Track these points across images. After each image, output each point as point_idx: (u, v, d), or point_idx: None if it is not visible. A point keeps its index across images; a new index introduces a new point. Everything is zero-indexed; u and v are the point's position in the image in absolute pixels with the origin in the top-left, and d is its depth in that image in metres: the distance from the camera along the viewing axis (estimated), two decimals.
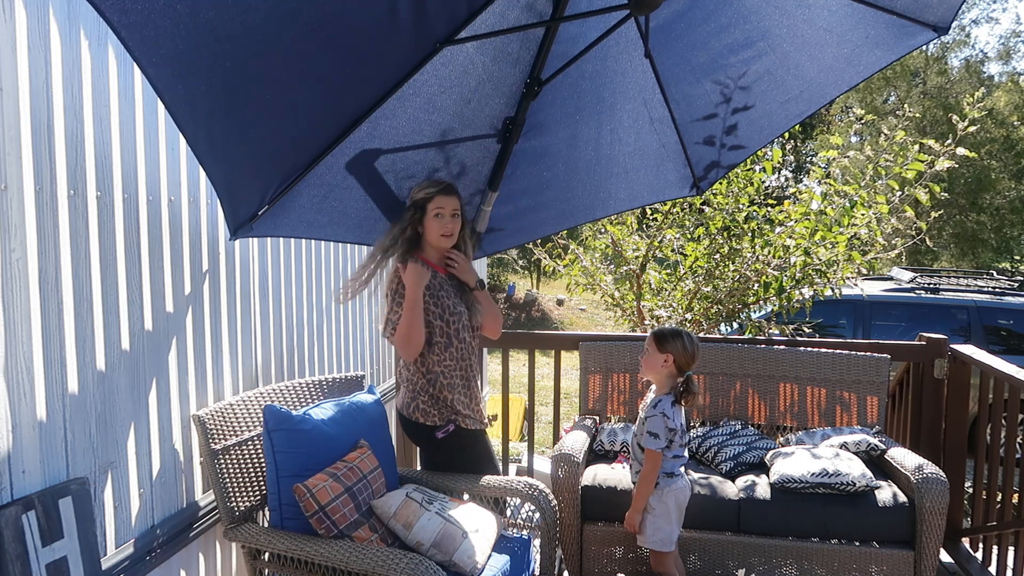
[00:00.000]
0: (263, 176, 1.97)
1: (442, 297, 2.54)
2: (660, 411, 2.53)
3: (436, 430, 2.58)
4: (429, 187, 2.50)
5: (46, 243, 1.65)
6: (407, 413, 2.60)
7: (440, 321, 2.53)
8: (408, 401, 2.60)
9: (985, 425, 3.18)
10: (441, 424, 2.58)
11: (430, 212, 2.49)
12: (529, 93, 2.43)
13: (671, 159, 3.00)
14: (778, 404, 3.39)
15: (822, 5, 2.34)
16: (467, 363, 2.63)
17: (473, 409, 2.65)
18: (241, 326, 2.56)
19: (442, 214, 2.49)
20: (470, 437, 2.65)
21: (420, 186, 2.52)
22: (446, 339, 2.55)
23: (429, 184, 2.51)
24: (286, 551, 2.10)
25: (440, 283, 2.57)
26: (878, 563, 2.74)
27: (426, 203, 2.49)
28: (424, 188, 2.50)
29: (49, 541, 1.62)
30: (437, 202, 2.48)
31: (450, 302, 2.55)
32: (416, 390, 2.58)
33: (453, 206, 2.51)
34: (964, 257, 16.98)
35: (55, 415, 1.68)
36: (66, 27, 1.70)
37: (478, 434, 2.70)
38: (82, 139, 1.76)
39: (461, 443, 2.62)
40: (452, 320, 2.55)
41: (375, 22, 1.77)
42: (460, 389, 2.60)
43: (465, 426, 2.61)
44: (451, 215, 2.51)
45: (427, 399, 2.57)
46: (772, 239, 4.77)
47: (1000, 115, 16.53)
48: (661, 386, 2.61)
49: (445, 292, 2.56)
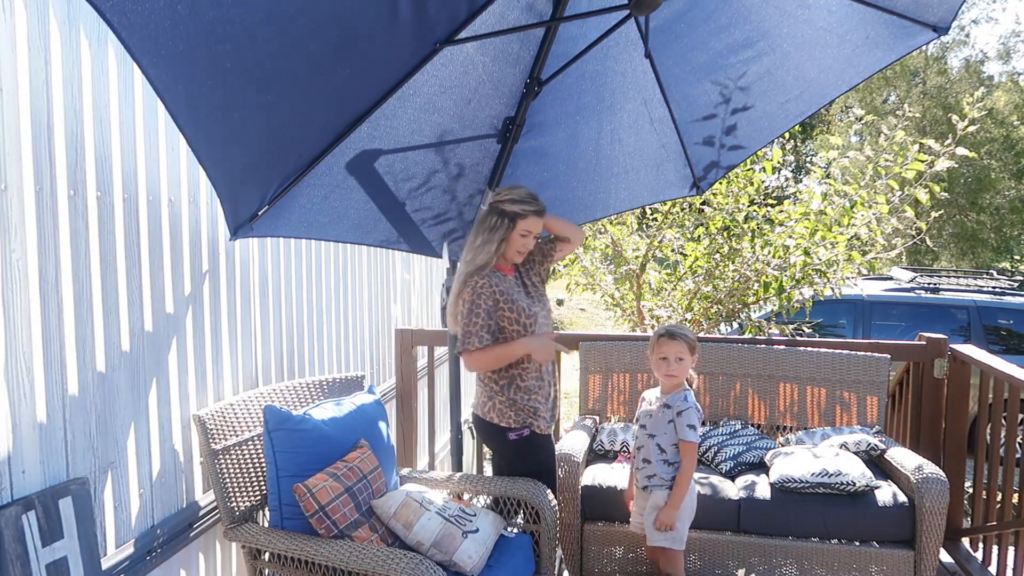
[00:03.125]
0: (263, 176, 1.97)
1: (516, 300, 2.49)
2: (693, 404, 2.54)
3: (509, 432, 2.53)
4: (526, 204, 2.45)
5: (46, 243, 1.65)
6: (482, 413, 2.58)
7: (516, 325, 2.47)
8: (484, 401, 2.57)
9: (985, 425, 3.18)
10: (516, 427, 2.53)
11: (518, 229, 2.46)
12: (529, 93, 2.43)
13: (671, 159, 3.00)
14: (778, 404, 3.39)
15: (822, 5, 2.34)
16: (543, 365, 2.58)
17: (548, 411, 2.61)
18: (241, 326, 2.56)
19: (527, 236, 2.47)
20: (542, 441, 2.60)
21: (514, 196, 2.45)
22: None
23: (526, 200, 2.45)
24: (286, 551, 2.10)
25: (510, 285, 2.52)
26: (878, 563, 2.75)
27: (518, 219, 2.45)
28: (520, 203, 2.44)
29: (49, 541, 1.62)
30: (529, 223, 2.45)
31: (524, 303, 2.50)
32: (493, 392, 2.55)
33: (538, 229, 2.49)
34: (964, 257, 16.98)
35: (55, 415, 1.68)
36: (66, 27, 1.70)
37: (549, 438, 2.65)
38: (82, 139, 1.76)
39: (533, 447, 2.58)
40: (528, 323, 2.48)
41: (375, 22, 1.77)
42: (536, 391, 2.55)
43: (539, 430, 2.57)
44: (534, 238, 2.51)
45: (504, 401, 2.52)
46: (772, 239, 4.77)
47: (1000, 115, 16.52)
48: (681, 384, 2.60)
49: (517, 294, 2.52)
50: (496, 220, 2.46)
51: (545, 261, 2.70)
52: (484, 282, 2.43)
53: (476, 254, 2.47)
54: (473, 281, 2.43)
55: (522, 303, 2.49)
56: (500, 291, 2.45)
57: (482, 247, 2.46)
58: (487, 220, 2.48)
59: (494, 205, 2.49)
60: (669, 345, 2.53)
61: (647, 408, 2.64)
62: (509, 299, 2.46)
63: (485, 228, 2.47)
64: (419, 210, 2.68)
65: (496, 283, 2.46)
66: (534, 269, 2.69)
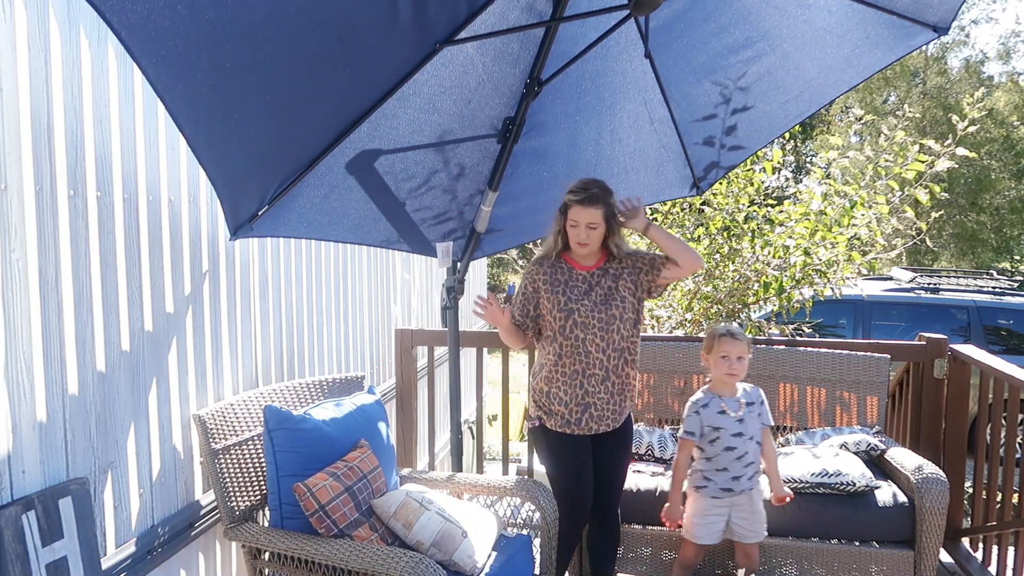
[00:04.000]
0: (263, 176, 1.97)
1: (559, 293, 2.49)
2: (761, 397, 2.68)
3: (529, 419, 2.64)
4: (570, 193, 2.45)
5: (46, 243, 1.65)
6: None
7: (549, 316, 2.52)
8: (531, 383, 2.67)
9: (985, 425, 3.18)
10: (533, 416, 2.61)
11: (569, 219, 2.46)
12: (529, 93, 2.43)
13: (671, 159, 3.00)
14: (778, 404, 3.39)
15: (822, 5, 2.34)
16: (573, 360, 2.48)
17: (571, 410, 2.49)
18: (241, 326, 2.56)
19: (576, 225, 2.44)
20: (556, 439, 2.53)
21: (569, 186, 2.48)
22: (553, 334, 2.51)
23: (573, 189, 2.45)
24: (286, 550, 2.10)
25: (567, 279, 2.52)
26: (878, 563, 2.74)
27: (566, 209, 2.47)
28: (568, 193, 2.46)
29: (49, 541, 1.62)
30: (573, 213, 2.44)
31: (563, 299, 2.48)
32: (533, 376, 2.67)
33: (588, 219, 2.41)
34: (964, 257, 16.97)
35: (55, 415, 1.68)
36: (66, 27, 1.70)
37: (570, 438, 2.53)
38: (82, 139, 1.76)
39: (541, 439, 2.60)
40: (559, 317, 2.48)
41: (375, 23, 1.77)
42: (561, 385, 2.50)
43: (550, 426, 2.53)
44: (586, 227, 2.42)
45: (535, 387, 2.61)
46: (772, 239, 4.77)
47: (1000, 115, 16.51)
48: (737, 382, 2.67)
49: (567, 288, 2.50)
50: (557, 213, 2.53)
51: (651, 273, 2.53)
52: (533, 268, 2.58)
53: (544, 244, 2.63)
54: (527, 267, 2.61)
55: (562, 298, 2.49)
56: (545, 280, 2.53)
57: (547, 239, 2.60)
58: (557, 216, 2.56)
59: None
60: (732, 345, 2.57)
61: (730, 418, 2.58)
62: (551, 290, 2.51)
63: (552, 221, 2.56)
64: (419, 210, 2.68)
65: (546, 272, 2.54)
66: (634, 278, 2.53)
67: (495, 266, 19.20)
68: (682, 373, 3.46)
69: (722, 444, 2.58)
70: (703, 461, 2.64)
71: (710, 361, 2.63)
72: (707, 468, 2.62)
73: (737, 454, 2.58)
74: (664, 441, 3.22)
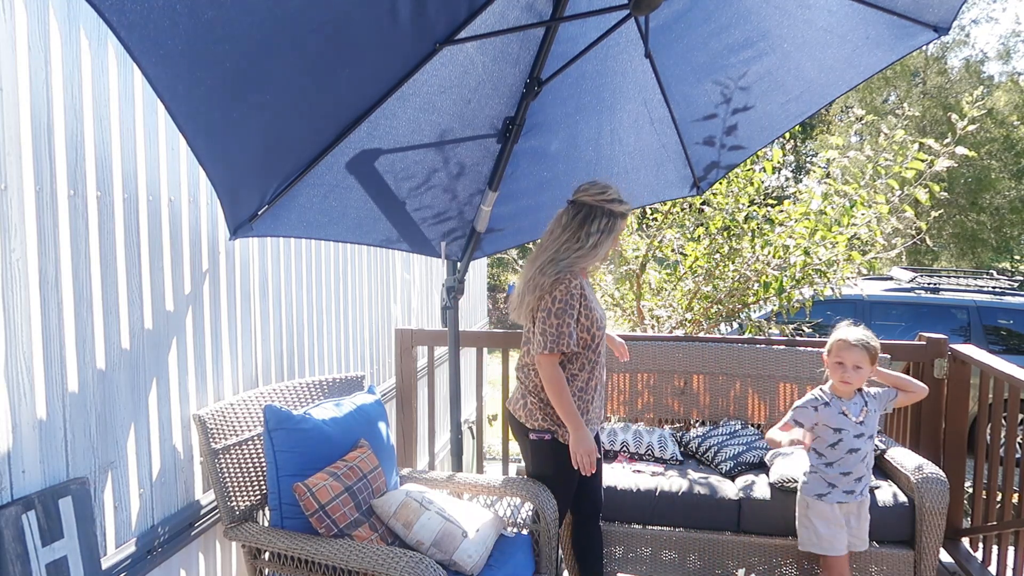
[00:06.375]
0: (263, 176, 1.97)
1: (594, 309, 2.41)
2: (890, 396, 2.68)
3: (531, 432, 2.48)
4: (627, 204, 2.41)
5: (46, 243, 1.65)
6: (512, 409, 2.55)
7: (587, 334, 2.39)
8: (518, 397, 2.54)
9: (985, 425, 3.18)
10: (539, 429, 2.46)
11: (618, 230, 2.39)
12: (529, 93, 2.43)
13: (671, 159, 3.00)
14: (778, 404, 3.39)
15: (822, 5, 2.34)
16: (600, 373, 2.49)
17: (589, 422, 2.47)
18: (241, 326, 2.56)
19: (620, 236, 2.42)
20: (563, 449, 2.44)
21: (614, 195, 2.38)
22: (586, 349, 2.42)
23: (624, 199, 2.40)
24: (286, 550, 2.10)
25: (591, 291, 2.46)
26: (878, 563, 2.74)
27: (619, 220, 2.39)
28: (623, 203, 2.40)
29: (49, 541, 1.62)
30: (624, 224, 2.42)
31: (599, 313, 2.43)
32: (527, 391, 2.49)
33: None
34: (964, 257, 16.97)
35: (55, 415, 1.68)
36: (66, 27, 1.70)
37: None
38: (82, 139, 1.76)
39: (552, 452, 2.47)
40: (597, 335, 2.41)
41: (375, 22, 1.77)
42: (591, 398, 2.47)
43: (562, 439, 2.45)
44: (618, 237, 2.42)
45: (535, 402, 2.46)
46: (772, 239, 4.77)
47: (1000, 115, 16.51)
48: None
49: (594, 300, 2.45)
50: (607, 222, 2.36)
51: None
52: (577, 282, 2.34)
53: (581, 256, 2.36)
54: (567, 281, 2.33)
55: (597, 312, 2.43)
56: (585, 295, 2.38)
57: (592, 249, 2.36)
58: (596, 222, 2.35)
59: (597, 205, 2.37)
60: (848, 352, 2.48)
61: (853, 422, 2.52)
62: (588, 305, 2.39)
63: (597, 230, 2.35)
64: (419, 209, 2.68)
65: (584, 286, 2.38)
66: None
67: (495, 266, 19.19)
68: (682, 373, 3.46)
69: (845, 447, 2.51)
70: (823, 467, 2.56)
71: (828, 363, 2.56)
72: (829, 474, 2.55)
73: (861, 455, 2.53)
74: (664, 441, 3.22)
